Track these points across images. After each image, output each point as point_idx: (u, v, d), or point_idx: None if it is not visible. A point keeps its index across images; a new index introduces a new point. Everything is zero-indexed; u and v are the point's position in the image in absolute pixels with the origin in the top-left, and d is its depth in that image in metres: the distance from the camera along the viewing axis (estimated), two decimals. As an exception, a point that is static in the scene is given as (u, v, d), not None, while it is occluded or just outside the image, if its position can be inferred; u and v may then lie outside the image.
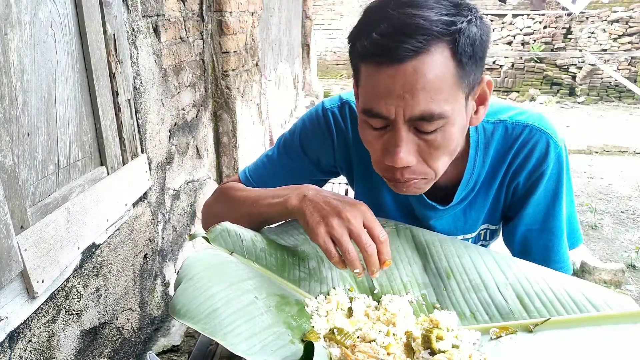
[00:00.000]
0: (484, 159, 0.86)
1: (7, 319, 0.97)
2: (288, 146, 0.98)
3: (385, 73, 0.64)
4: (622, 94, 8.68)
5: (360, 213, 0.70)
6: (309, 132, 0.95)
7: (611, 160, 5.38)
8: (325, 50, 11.28)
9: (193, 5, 2.06)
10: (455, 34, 0.63)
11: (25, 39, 1.02)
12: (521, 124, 0.84)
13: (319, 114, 0.94)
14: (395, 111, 0.66)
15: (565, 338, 0.66)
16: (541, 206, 0.88)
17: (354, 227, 0.67)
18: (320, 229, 0.68)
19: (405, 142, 0.68)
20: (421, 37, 0.62)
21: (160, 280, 1.84)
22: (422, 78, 0.63)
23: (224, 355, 0.84)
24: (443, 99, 0.65)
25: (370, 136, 0.72)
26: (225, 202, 0.94)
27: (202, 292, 0.62)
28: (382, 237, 0.68)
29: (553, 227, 0.89)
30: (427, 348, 0.65)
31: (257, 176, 0.99)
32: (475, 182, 0.88)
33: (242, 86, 2.72)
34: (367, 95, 0.69)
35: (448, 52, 0.64)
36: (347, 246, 0.67)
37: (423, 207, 0.91)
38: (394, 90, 0.64)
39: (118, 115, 1.42)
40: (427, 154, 0.70)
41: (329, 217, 0.68)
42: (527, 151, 0.84)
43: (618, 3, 9.51)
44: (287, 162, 0.98)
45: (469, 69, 0.66)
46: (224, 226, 0.76)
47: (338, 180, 3.21)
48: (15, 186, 0.96)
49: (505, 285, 0.75)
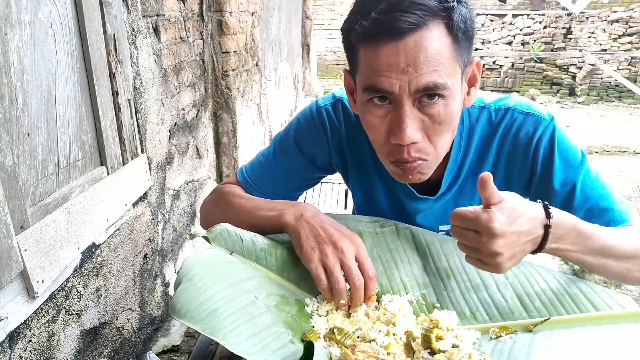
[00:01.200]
0: (468, 144, 0.87)
1: (7, 319, 0.97)
2: (284, 144, 0.98)
3: (387, 49, 0.66)
4: (622, 94, 8.68)
5: (354, 246, 0.72)
6: (304, 130, 0.96)
7: (611, 160, 5.38)
8: (325, 50, 11.28)
9: (193, 5, 2.06)
10: (449, 11, 0.66)
11: (25, 39, 1.02)
12: (503, 108, 0.85)
13: (313, 112, 0.95)
14: (399, 85, 0.67)
15: (565, 338, 0.66)
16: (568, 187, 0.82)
17: (347, 260, 0.70)
18: (314, 255, 0.71)
19: (411, 118, 0.69)
20: (420, 12, 0.65)
21: (160, 280, 1.84)
22: (423, 51, 0.65)
23: (224, 355, 0.84)
24: (444, 71, 0.67)
25: (374, 119, 0.73)
26: (222, 208, 0.95)
27: (202, 292, 0.62)
28: (371, 273, 0.71)
29: (596, 198, 0.81)
30: (427, 348, 0.65)
31: (254, 176, 1.00)
32: (460, 167, 0.88)
33: (242, 86, 2.72)
34: (369, 73, 0.69)
35: (444, 27, 0.67)
36: (338, 276, 0.69)
37: (413, 200, 0.91)
38: (397, 65, 0.66)
39: (118, 115, 1.42)
40: (432, 129, 0.71)
41: (324, 245, 0.71)
42: (513, 134, 0.84)
43: (618, 3, 9.51)
44: (283, 160, 0.98)
45: (463, 45, 0.69)
46: (224, 226, 0.76)
47: (338, 180, 3.22)
48: (15, 186, 0.96)
49: (505, 285, 0.75)
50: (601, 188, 0.83)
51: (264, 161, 1.00)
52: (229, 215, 0.89)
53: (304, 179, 1.03)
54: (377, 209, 0.97)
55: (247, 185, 0.99)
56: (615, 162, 5.31)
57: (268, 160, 1.00)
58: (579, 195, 0.82)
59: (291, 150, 0.97)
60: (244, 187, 1.00)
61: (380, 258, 0.82)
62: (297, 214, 0.76)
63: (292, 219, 0.76)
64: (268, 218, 0.81)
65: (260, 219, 0.83)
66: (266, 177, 0.99)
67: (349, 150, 0.95)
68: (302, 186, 1.05)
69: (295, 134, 0.97)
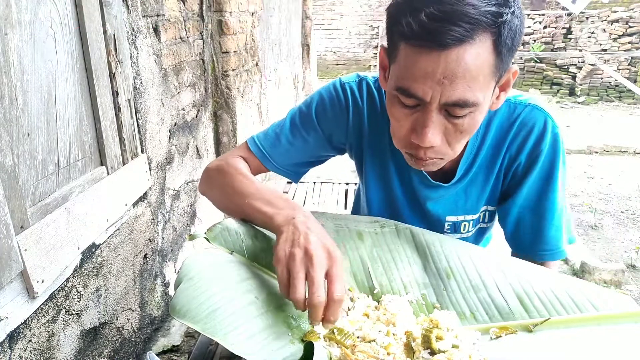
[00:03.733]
0: (484, 135, 0.88)
1: (7, 319, 0.97)
2: (304, 118, 0.96)
3: (427, 57, 0.64)
4: (622, 94, 8.68)
5: (329, 260, 0.65)
6: (327, 105, 0.95)
7: (611, 160, 5.38)
8: (325, 50, 11.28)
9: (193, 5, 2.06)
10: (500, 26, 0.64)
11: (25, 39, 1.02)
12: (523, 103, 0.87)
13: (337, 88, 0.95)
14: (431, 95, 0.67)
15: (565, 338, 0.66)
16: (535, 187, 0.90)
17: (312, 271, 0.63)
18: (282, 257, 0.66)
19: (435, 124, 0.69)
20: (468, 26, 0.62)
21: (160, 280, 1.84)
22: (463, 66, 0.64)
23: (224, 355, 0.84)
24: (478, 87, 0.66)
25: (399, 113, 0.73)
26: (223, 181, 0.90)
27: (202, 292, 0.62)
28: (336, 295, 0.63)
29: (544, 209, 0.90)
30: (427, 348, 0.65)
31: (267, 146, 0.97)
32: (474, 157, 0.89)
33: (242, 86, 2.72)
34: (405, 74, 0.69)
35: (490, 43, 0.64)
36: (297, 285, 0.63)
37: (426, 187, 0.92)
38: (434, 75, 0.65)
39: (118, 115, 1.42)
40: (453, 136, 0.72)
41: (296, 249, 0.65)
42: (528, 130, 0.86)
43: (618, 3, 9.51)
44: (299, 133, 0.96)
45: (505, 60, 0.68)
46: (224, 225, 0.76)
47: (338, 180, 3.21)
48: (15, 186, 0.96)
49: (505, 285, 0.75)
50: (556, 218, 0.90)
51: (279, 132, 0.97)
52: (228, 192, 0.87)
53: (316, 155, 1.01)
54: (389, 194, 0.98)
55: (260, 156, 0.96)
56: (615, 162, 5.31)
57: (284, 132, 0.97)
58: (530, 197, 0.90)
59: (310, 124, 0.95)
60: (257, 156, 0.96)
61: (380, 258, 0.82)
62: (288, 217, 0.72)
63: (282, 220, 0.72)
64: (262, 212, 0.77)
65: (254, 211, 0.79)
66: (280, 148, 0.97)
67: (368, 132, 0.95)
68: (312, 162, 1.03)
69: (316, 108, 0.95)
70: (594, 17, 9.12)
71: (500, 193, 0.95)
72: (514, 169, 0.90)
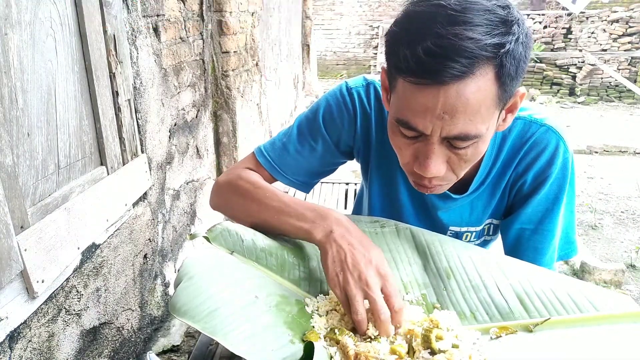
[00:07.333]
0: (498, 153, 0.88)
1: (7, 318, 0.97)
2: (310, 124, 0.94)
3: (426, 92, 0.63)
4: (622, 94, 8.68)
5: (380, 278, 0.68)
6: (334, 111, 0.93)
7: (611, 160, 5.38)
8: (325, 50, 11.28)
9: (193, 5, 2.06)
10: (503, 57, 0.61)
11: (25, 39, 1.02)
12: (539, 123, 0.85)
13: (344, 93, 0.92)
14: (432, 129, 0.66)
15: (565, 338, 0.66)
16: (540, 207, 0.89)
17: (371, 292, 0.66)
18: (337, 280, 0.68)
19: (437, 155, 0.69)
20: (467, 61, 0.60)
21: (160, 280, 1.84)
22: (463, 101, 0.62)
23: (224, 355, 0.84)
24: (480, 120, 0.65)
25: (401, 142, 0.73)
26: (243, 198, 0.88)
27: (203, 292, 0.62)
28: (396, 306, 0.66)
29: (546, 231, 0.90)
30: (427, 348, 0.65)
31: (276, 157, 0.95)
32: (488, 172, 0.89)
33: (242, 86, 2.72)
34: (404, 108, 0.68)
35: (492, 75, 0.62)
36: (357, 308, 0.65)
37: (437, 196, 0.92)
38: (434, 110, 0.63)
39: (118, 115, 1.42)
40: (456, 165, 0.72)
41: (347, 273, 0.67)
42: (539, 150, 0.85)
43: (618, 3, 9.52)
44: (307, 142, 0.94)
45: (509, 88, 0.66)
46: (224, 226, 0.76)
47: (338, 180, 3.21)
48: (15, 186, 0.96)
49: (505, 285, 0.75)
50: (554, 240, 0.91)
51: (286, 142, 0.95)
52: (252, 209, 0.85)
53: (326, 163, 0.99)
54: (394, 200, 0.97)
55: (269, 167, 0.94)
56: (615, 162, 5.31)
57: (291, 141, 0.95)
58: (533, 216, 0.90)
59: (317, 131, 0.93)
60: (266, 168, 0.94)
61: (380, 258, 0.82)
62: (327, 230, 0.73)
63: (322, 235, 0.73)
64: (297, 228, 0.77)
65: (288, 227, 0.79)
66: (289, 159, 0.95)
67: (375, 138, 0.93)
68: (322, 172, 1.02)
69: (323, 114, 0.93)
70: (594, 17, 9.12)
71: (505, 208, 0.94)
72: (518, 185, 0.89)
